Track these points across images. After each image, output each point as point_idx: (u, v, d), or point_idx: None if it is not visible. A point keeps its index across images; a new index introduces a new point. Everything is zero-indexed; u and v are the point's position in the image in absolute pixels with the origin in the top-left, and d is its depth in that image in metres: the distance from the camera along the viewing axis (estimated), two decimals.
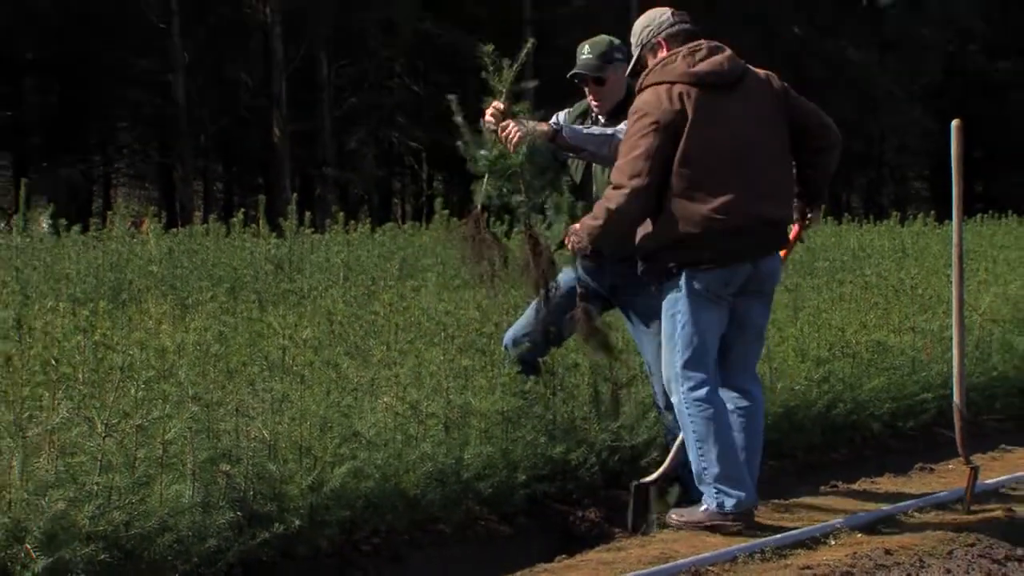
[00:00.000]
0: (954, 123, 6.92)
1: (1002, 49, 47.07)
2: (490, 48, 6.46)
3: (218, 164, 43.51)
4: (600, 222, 6.14)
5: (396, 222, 17.84)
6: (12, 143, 39.69)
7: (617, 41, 6.68)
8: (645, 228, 6.16)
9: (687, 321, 6.11)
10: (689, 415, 6.10)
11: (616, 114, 6.56)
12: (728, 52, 6.24)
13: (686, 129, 6.02)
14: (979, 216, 21.63)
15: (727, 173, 6.05)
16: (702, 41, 6.24)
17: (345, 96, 37.35)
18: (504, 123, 6.38)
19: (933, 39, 46.04)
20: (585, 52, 6.62)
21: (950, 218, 7.20)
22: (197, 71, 36.09)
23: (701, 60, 6.14)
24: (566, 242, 6.36)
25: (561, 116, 6.78)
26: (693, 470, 6.18)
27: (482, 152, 6.48)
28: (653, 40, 6.30)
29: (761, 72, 6.31)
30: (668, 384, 6.24)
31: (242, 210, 14.56)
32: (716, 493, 6.07)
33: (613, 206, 6.08)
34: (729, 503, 6.06)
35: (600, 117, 6.67)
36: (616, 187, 6.08)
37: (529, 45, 6.58)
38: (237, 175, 43.77)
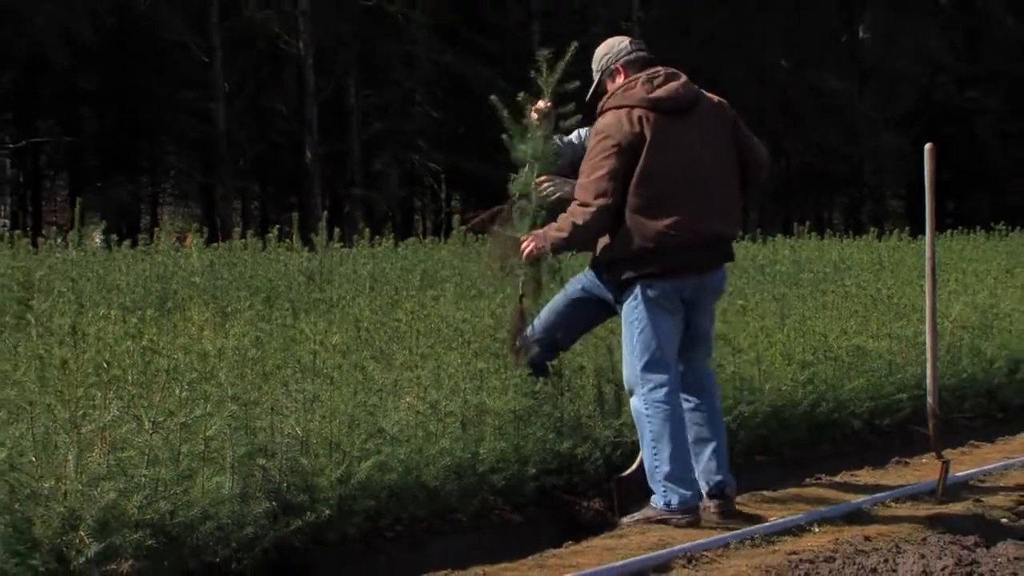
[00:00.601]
0: (927, 147, 6.90)
1: (970, 80, 47.00)
2: (546, 53, 6.50)
3: (255, 184, 43.52)
4: (565, 234, 6.17)
5: (417, 237, 17.80)
6: (69, 165, 39.82)
7: None
8: (604, 241, 6.16)
9: (645, 327, 6.09)
10: (647, 415, 6.06)
11: None
12: (683, 79, 6.22)
13: (644, 151, 6.01)
14: (950, 232, 21.55)
15: (680, 193, 6.04)
16: (660, 68, 6.23)
17: (371, 122, 37.36)
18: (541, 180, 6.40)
19: (907, 70, 45.98)
20: None
21: (924, 233, 7.18)
22: (236, 100, 36.14)
23: (659, 86, 6.13)
24: (523, 244, 6.36)
25: (583, 132, 6.79)
26: (646, 467, 6.12)
27: (522, 146, 6.51)
28: (612, 66, 6.31)
29: (715, 98, 6.29)
30: (628, 387, 6.21)
31: (277, 226, 14.53)
32: (664, 491, 6.03)
33: (580, 222, 6.08)
34: (675, 500, 6.01)
35: None
36: (582, 204, 6.09)
37: (573, 48, 6.57)
38: (272, 194, 43.80)
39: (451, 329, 7.33)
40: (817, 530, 6.08)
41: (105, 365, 5.09)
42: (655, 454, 6.03)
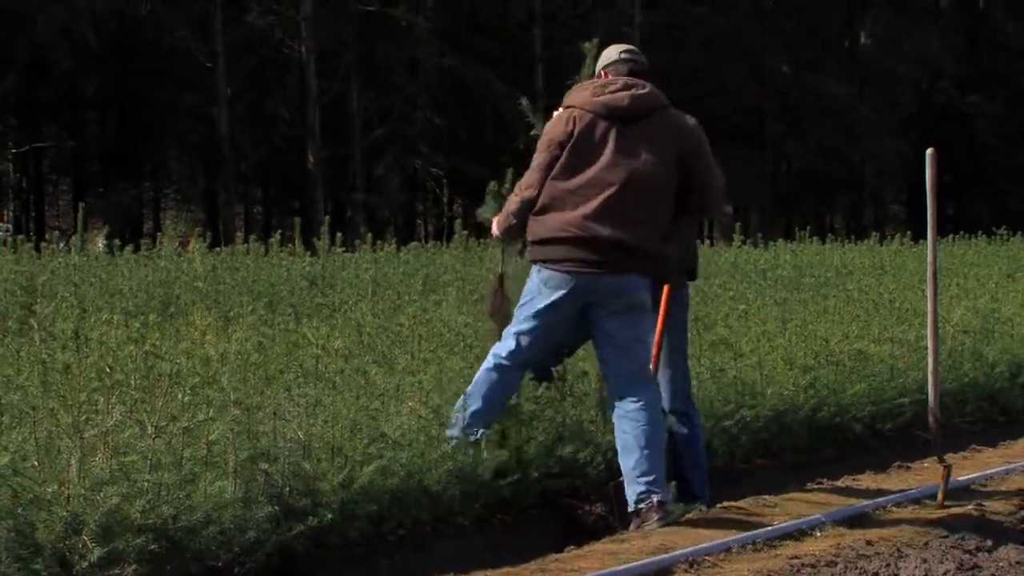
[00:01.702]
0: (929, 152, 6.88)
1: (970, 84, 47.05)
2: (592, 46, 6.58)
3: (257, 189, 43.62)
4: (502, 218, 6.41)
5: (419, 242, 17.81)
6: (73, 170, 39.88)
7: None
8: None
9: (526, 303, 6.27)
10: (483, 369, 6.29)
11: None
12: (644, 91, 6.26)
13: (568, 147, 6.15)
14: (951, 236, 21.60)
15: (592, 193, 6.14)
16: (624, 79, 6.30)
17: (373, 127, 37.42)
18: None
19: (907, 75, 46.04)
20: None
21: (925, 238, 7.17)
22: (239, 105, 36.20)
23: (609, 93, 6.22)
24: (495, 225, 6.50)
25: None
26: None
27: None
28: (601, 70, 6.48)
29: (684, 120, 6.31)
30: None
31: (279, 231, 14.56)
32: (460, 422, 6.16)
33: (511, 209, 6.34)
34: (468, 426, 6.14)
35: None
36: (515, 193, 6.34)
37: (594, 45, 6.62)
38: (275, 199, 43.86)
39: (453, 334, 7.34)
40: (819, 534, 6.07)
41: (108, 370, 5.10)
42: (466, 402, 6.18)
